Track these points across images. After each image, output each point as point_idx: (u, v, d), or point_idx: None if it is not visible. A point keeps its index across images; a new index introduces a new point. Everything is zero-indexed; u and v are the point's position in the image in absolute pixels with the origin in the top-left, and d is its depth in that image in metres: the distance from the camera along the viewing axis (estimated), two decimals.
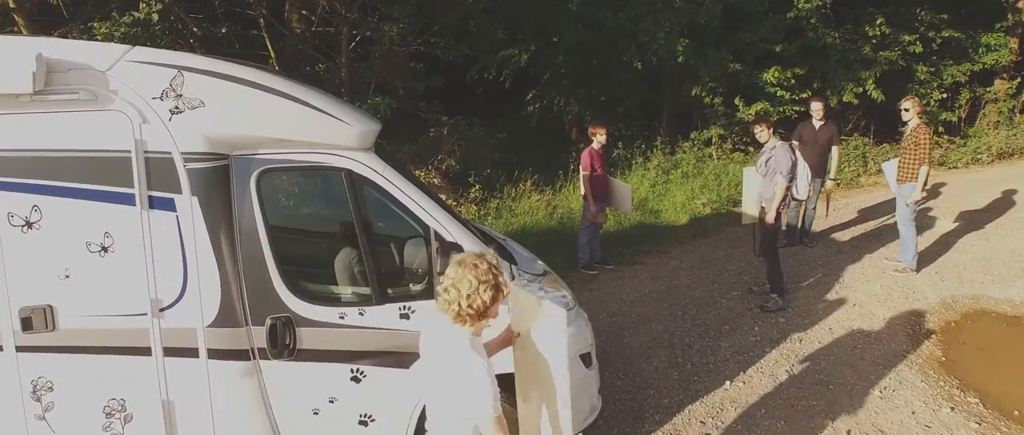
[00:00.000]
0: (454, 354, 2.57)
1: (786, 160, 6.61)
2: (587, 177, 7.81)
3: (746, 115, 12.91)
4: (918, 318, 6.64)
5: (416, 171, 9.90)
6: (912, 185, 7.60)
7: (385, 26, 9.51)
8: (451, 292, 2.53)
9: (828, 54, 13.05)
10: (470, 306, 2.51)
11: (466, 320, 2.56)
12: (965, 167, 13.50)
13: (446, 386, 2.62)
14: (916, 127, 7.60)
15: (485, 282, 2.51)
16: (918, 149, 7.51)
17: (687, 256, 8.52)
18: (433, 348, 2.71)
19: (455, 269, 2.55)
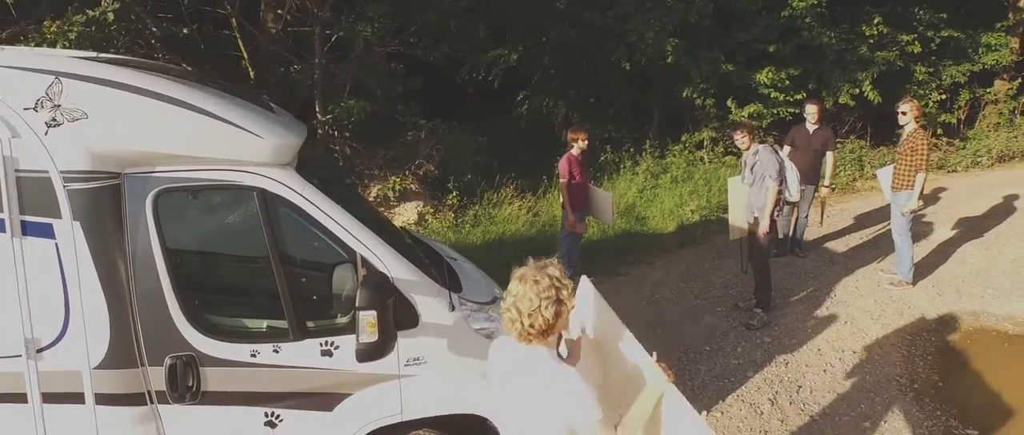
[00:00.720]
0: (536, 371, 2.40)
1: (772, 162, 6.12)
2: (566, 185, 7.30)
3: (739, 117, 12.38)
4: (914, 337, 6.13)
5: (393, 177, 9.42)
6: (908, 193, 7.09)
7: (359, 26, 9.01)
8: (512, 311, 2.39)
9: (824, 54, 12.52)
10: (532, 326, 2.36)
11: (531, 339, 2.40)
12: (964, 171, 12.96)
13: (532, 405, 2.41)
14: (913, 132, 7.10)
15: (547, 298, 2.34)
16: (915, 155, 7.01)
17: (672, 267, 8.01)
18: (508, 370, 2.51)
19: (516, 285, 2.41)
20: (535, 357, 2.41)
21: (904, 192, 7.15)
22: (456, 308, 3.56)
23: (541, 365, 2.40)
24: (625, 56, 11.29)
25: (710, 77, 11.88)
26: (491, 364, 2.63)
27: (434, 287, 3.55)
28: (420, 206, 9.70)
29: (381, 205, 9.60)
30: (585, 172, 7.50)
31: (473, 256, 8.02)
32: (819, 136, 7.94)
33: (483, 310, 3.77)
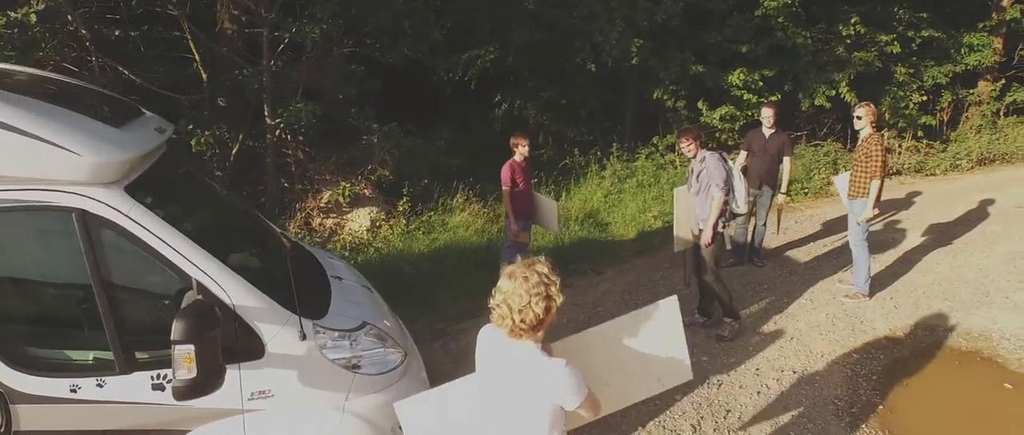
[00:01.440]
0: (524, 365, 2.47)
1: (719, 171, 5.71)
2: (508, 193, 6.94)
3: (710, 119, 12.02)
4: (861, 355, 5.75)
5: (344, 182, 9.06)
6: (864, 201, 6.71)
7: (307, 27, 8.66)
8: (503, 308, 2.44)
9: (798, 55, 12.13)
10: (523, 321, 2.42)
11: (521, 335, 2.47)
12: (943, 174, 12.55)
13: (519, 396, 2.49)
14: (869, 137, 6.71)
15: (537, 294, 2.41)
16: (870, 161, 6.62)
17: (622, 277, 7.64)
18: (496, 363, 2.57)
19: (506, 283, 2.45)
20: (523, 352, 2.47)
21: (860, 200, 6.77)
22: (307, 337, 3.21)
23: (529, 360, 2.46)
24: (590, 57, 10.93)
25: (680, 78, 11.52)
26: (480, 354, 2.68)
27: (283, 314, 3.20)
28: (373, 212, 9.36)
29: (333, 211, 9.27)
30: (529, 179, 7.14)
31: (417, 266, 7.70)
32: (775, 141, 7.57)
33: (345, 338, 3.41)
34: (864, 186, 6.68)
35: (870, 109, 6.74)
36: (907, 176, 12.32)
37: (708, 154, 5.85)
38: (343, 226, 9.39)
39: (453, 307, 6.86)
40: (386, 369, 3.49)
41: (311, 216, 9.25)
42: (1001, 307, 6.67)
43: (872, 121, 6.72)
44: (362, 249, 8.26)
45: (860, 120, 6.78)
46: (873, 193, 6.61)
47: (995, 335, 6.08)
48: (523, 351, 2.48)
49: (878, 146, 6.58)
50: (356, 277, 4.37)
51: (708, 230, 5.76)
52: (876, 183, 6.58)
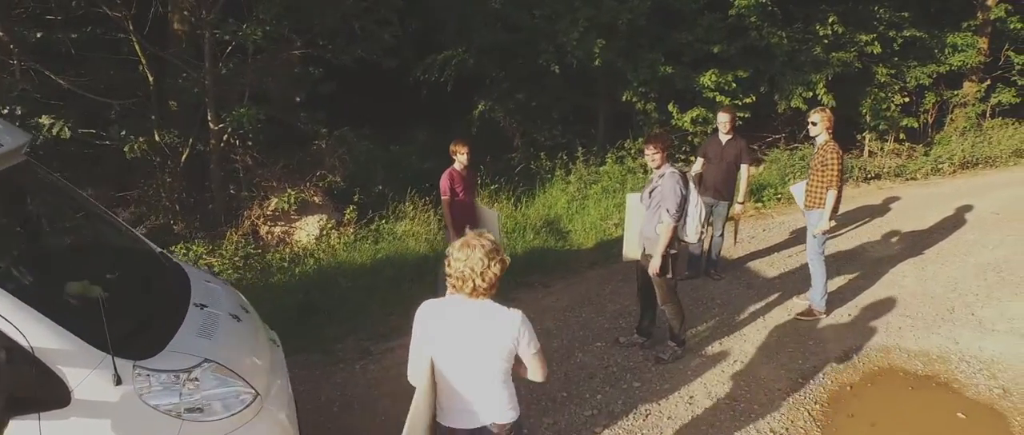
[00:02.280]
0: (490, 317, 2.81)
1: (673, 193, 5.11)
2: (448, 203, 6.51)
3: (681, 122, 11.58)
4: (808, 381, 5.31)
5: (291, 190, 8.64)
6: (820, 212, 6.28)
7: (248, 28, 8.24)
8: (465, 272, 2.73)
9: (773, 55, 11.68)
10: (483, 280, 2.74)
11: (482, 294, 2.79)
12: (924, 178, 12.09)
13: (484, 344, 2.81)
14: (824, 144, 6.29)
15: (493, 259, 2.75)
16: (826, 170, 6.20)
17: (569, 292, 7.21)
18: (457, 322, 2.83)
19: (463, 251, 2.75)
20: (487, 307, 2.82)
21: (816, 211, 6.35)
22: (124, 380, 2.79)
23: (492, 311, 2.82)
24: (554, 58, 10.49)
25: (648, 80, 11.07)
26: (425, 325, 2.89)
27: (95, 355, 2.79)
28: (323, 220, 8.94)
29: (281, 220, 8.86)
30: (470, 188, 6.70)
31: (354, 278, 7.28)
32: (732, 147, 7.13)
33: (176, 379, 2.99)
34: (821, 196, 6.26)
35: (825, 115, 6.32)
36: (886, 180, 11.87)
37: (669, 171, 5.23)
38: (292, 235, 8.98)
39: (384, 323, 6.44)
40: (228, 413, 3.07)
41: (258, 225, 8.84)
42: (965, 324, 6.22)
43: (828, 127, 6.29)
44: (301, 260, 7.84)
45: (815, 126, 6.37)
46: (829, 204, 6.18)
47: (954, 357, 5.63)
48: (484, 306, 2.82)
49: (834, 154, 6.15)
50: (229, 303, 3.94)
51: (656, 258, 5.22)
52: (832, 194, 6.15)
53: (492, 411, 2.92)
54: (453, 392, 2.90)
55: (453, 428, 2.96)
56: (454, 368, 2.87)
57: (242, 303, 4.15)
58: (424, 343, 2.89)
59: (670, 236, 5.17)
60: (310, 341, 6.06)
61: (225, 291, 4.20)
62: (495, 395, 2.91)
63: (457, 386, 2.88)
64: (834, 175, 6.14)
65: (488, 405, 2.91)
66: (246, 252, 7.90)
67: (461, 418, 2.94)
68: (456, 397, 2.90)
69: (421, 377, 2.85)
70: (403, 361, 2.95)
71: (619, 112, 12.52)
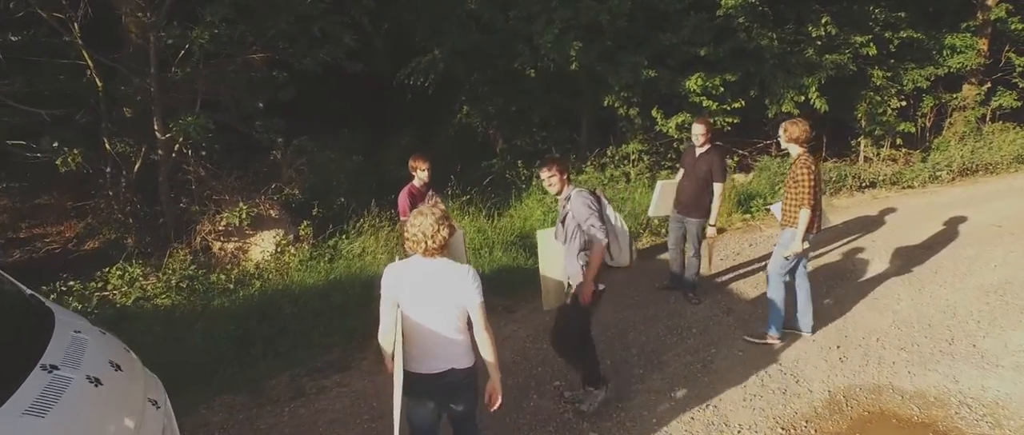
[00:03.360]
0: (444, 272, 3.26)
1: (585, 209, 4.34)
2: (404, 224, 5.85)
3: (666, 128, 10.90)
4: (789, 430, 4.64)
5: (243, 203, 7.98)
6: (792, 232, 5.62)
7: (194, 31, 7.58)
8: (418, 234, 3.22)
9: (763, 58, 11.00)
10: (434, 242, 3.22)
11: (434, 254, 3.25)
12: (921, 187, 11.39)
13: (442, 295, 3.25)
14: (797, 158, 5.64)
15: (442, 222, 3.25)
16: (798, 187, 5.54)
17: (533, 318, 6.54)
18: (417, 278, 3.25)
19: (416, 218, 3.25)
20: (440, 264, 3.27)
21: (789, 230, 5.70)
22: None
23: (444, 267, 3.27)
24: (530, 61, 9.83)
25: (631, 84, 10.40)
26: (392, 285, 3.27)
27: None
28: (279, 236, 8.28)
29: (234, 235, 8.20)
30: None
31: (300, 303, 6.62)
32: (704, 162, 6.45)
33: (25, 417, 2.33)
34: (794, 215, 5.60)
35: (792, 127, 5.65)
36: (882, 189, 11.18)
37: (574, 192, 4.47)
38: (246, 251, 8.33)
39: (324, 357, 5.79)
40: None
41: (209, 241, 8.19)
42: (965, 359, 5.55)
43: (797, 138, 5.62)
44: (248, 282, 7.18)
45: (782, 138, 5.72)
46: (802, 224, 5.52)
47: (954, 400, 4.96)
48: (438, 263, 3.26)
49: (805, 169, 5.51)
50: (96, 360, 3.27)
51: (587, 285, 4.43)
52: (805, 213, 5.49)
53: (454, 356, 3.32)
54: (418, 341, 3.28)
55: (420, 373, 3.30)
56: (418, 319, 3.25)
57: (117, 357, 3.48)
58: (391, 301, 3.28)
59: (599, 260, 4.37)
60: (240, 379, 5.42)
61: (97, 343, 3.52)
62: (455, 342, 3.30)
63: (422, 335, 3.27)
64: (806, 192, 5.48)
65: (450, 351, 3.31)
66: (189, 272, 7.25)
67: (427, 364, 3.31)
68: (421, 345, 3.28)
69: (391, 331, 3.26)
70: (337, 406, 2.39)
71: (603, 117, 11.87)
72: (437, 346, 3.29)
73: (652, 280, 7.27)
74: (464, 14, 10.41)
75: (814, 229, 5.69)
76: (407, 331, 3.26)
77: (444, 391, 3.38)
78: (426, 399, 3.40)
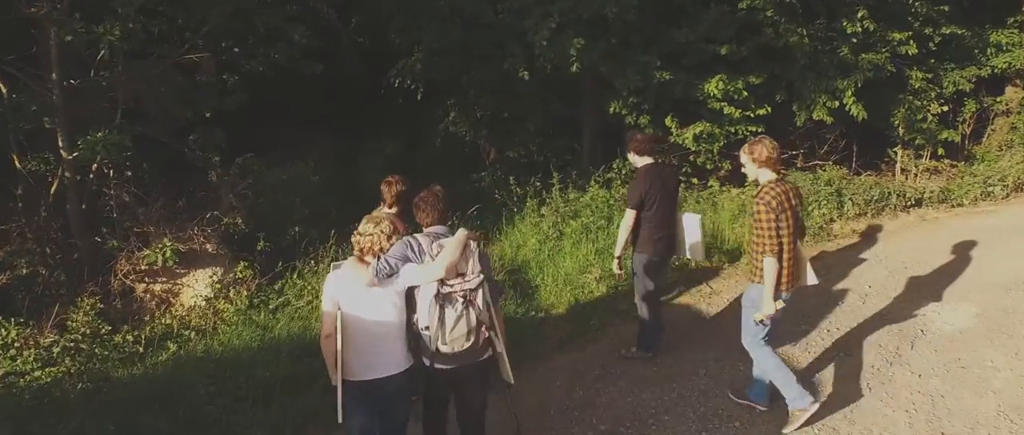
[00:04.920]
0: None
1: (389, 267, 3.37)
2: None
3: (682, 138, 9.25)
4: None
5: (166, 239, 6.34)
6: (759, 288, 4.17)
7: (103, 27, 5.93)
8: (366, 243, 3.38)
9: (793, 58, 9.35)
10: (376, 247, 3.37)
11: (377, 255, 3.35)
12: (972, 204, 9.73)
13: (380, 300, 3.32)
14: (758, 190, 4.20)
15: (383, 235, 3.41)
16: (758, 228, 4.10)
17: (524, 392, 4.89)
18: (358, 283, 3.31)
19: (367, 225, 3.42)
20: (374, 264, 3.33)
21: (755, 285, 4.23)
22: None
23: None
24: (523, 61, 8.18)
25: (641, 88, 8.74)
26: (337, 288, 3.36)
27: None
28: (216, 275, 6.64)
29: (162, 275, 6.57)
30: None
31: (219, 379, 4.96)
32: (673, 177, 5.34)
33: None
34: (759, 266, 4.11)
35: (758, 147, 4.18)
36: (929, 208, 9.52)
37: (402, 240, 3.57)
38: (177, 294, 6.69)
39: None
40: None
41: (132, 283, 6.55)
42: None
43: (769, 161, 4.16)
44: (161, 344, 5.54)
45: (743, 167, 4.33)
46: (768, 278, 4.10)
47: None
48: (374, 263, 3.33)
49: (761, 205, 4.05)
50: None
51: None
52: (769, 263, 4.07)
53: (394, 361, 3.36)
54: (358, 347, 3.29)
55: (360, 381, 3.30)
56: (359, 324, 3.29)
57: None
58: (333, 305, 3.31)
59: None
60: None
61: None
62: (394, 346, 3.35)
63: (362, 340, 3.29)
64: (766, 235, 4.06)
65: (390, 356, 3.35)
66: (90, 329, 5.61)
67: (369, 370, 3.31)
68: (362, 350, 3.30)
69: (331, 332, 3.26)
70: None
71: (608, 125, 10.21)
72: (378, 350, 3.31)
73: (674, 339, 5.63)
74: (446, 7, 8.73)
75: (788, 284, 4.20)
76: (347, 336, 3.25)
77: (385, 397, 3.36)
78: (368, 406, 3.35)
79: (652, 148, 5.33)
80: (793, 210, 4.13)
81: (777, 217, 4.04)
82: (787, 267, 4.14)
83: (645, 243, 5.07)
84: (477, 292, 3.36)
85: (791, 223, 4.11)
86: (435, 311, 3.29)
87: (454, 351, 3.35)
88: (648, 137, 5.46)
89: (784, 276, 4.14)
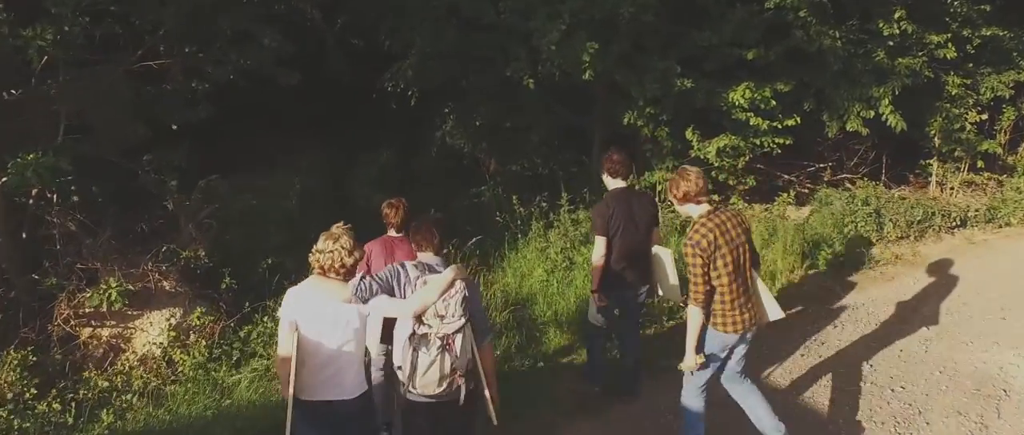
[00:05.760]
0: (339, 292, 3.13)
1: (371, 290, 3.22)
2: None
3: (702, 152, 8.28)
4: None
5: (110, 278, 5.35)
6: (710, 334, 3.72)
7: (32, 29, 4.95)
8: (327, 261, 3.10)
9: (825, 62, 8.38)
10: (339, 265, 3.10)
11: (342, 274, 3.12)
12: (1020, 224, 8.76)
13: (337, 319, 3.12)
14: (691, 225, 3.64)
15: (346, 251, 3.11)
16: (688, 272, 3.58)
17: None
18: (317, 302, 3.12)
19: (326, 242, 3.12)
20: (337, 286, 3.13)
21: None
22: None
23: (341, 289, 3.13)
24: (527, 67, 7.20)
25: (659, 97, 7.77)
26: (297, 306, 3.13)
27: None
28: (174, 317, 5.66)
29: (112, 318, 5.58)
30: None
31: None
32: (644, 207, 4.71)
33: None
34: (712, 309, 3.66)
35: (677, 184, 3.66)
36: (975, 228, 8.55)
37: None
38: (129, 340, 5.71)
39: None
40: None
41: (75, 329, 5.56)
42: None
43: (693, 195, 3.61)
44: (94, 414, 4.55)
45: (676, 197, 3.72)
46: (691, 328, 3.61)
47: None
48: (338, 286, 3.13)
49: (688, 246, 3.53)
50: None
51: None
52: (694, 313, 3.59)
53: (350, 384, 3.16)
54: (313, 367, 3.10)
55: (312, 401, 3.12)
56: (316, 344, 3.10)
57: None
58: (290, 324, 3.10)
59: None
60: None
61: None
62: (349, 370, 3.16)
63: (317, 361, 3.10)
64: (695, 278, 3.53)
65: (345, 378, 3.15)
66: (17, 390, 4.63)
67: (322, 391, 3.12)
68: (315, 372, 3.10)
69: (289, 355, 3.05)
70: None
71: (620, 134, 9.22)
72: (332, 372, 3.14)
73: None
74: (441, 6, 7.74)
75: (744, 325, 3.63)
76: (304, 356, 3.10)
77: (336, 421, 3.17)
78: (317, 429, 3.17)
79: (627, 171, 4.71)
80: (735, 242, 3.55)
81: (709, 258, 3.46)
82: (734, 307, 3.57)
83: (606, 276, 4.53)
84: (457, 336, 3.14)
85: (734, 258, 3.52)
86: (408, 353, 3.16)
87: (426, 395, 3.19)
88: (624, 158, 4.73)
89: (735, 318, 3.59)
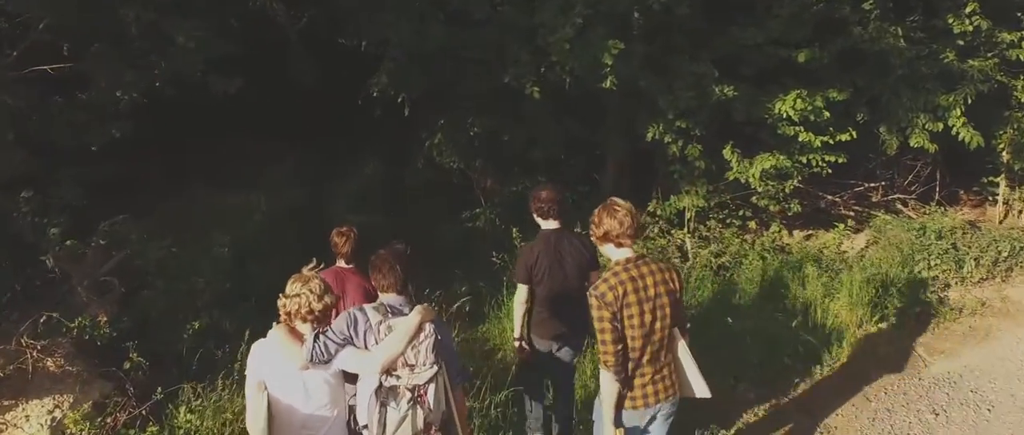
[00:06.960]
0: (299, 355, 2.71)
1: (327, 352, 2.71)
2: None
3: (743, 174, 6.78)
4: None
5: None
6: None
7: None
8: (295, 306, 2.74)
9: (888, 65, 6.91)
10: (313, 311, 2.75)
11: (309, 321, 2.76)
12: None
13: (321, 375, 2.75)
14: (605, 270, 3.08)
15: (326, 291, 2.79)
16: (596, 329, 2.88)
17: None
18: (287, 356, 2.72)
19: (293, 286, 2.76)
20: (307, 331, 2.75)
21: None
22: None
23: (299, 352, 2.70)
24: (532, 74, 5.69)
25: (692, 108, 6.28)
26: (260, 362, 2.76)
27: None
28: (62, 406, 4.16)
29: None
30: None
31: None
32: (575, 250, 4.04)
33: None
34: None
35: (600, 219, 2.94)
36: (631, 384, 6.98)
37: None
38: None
39: None
40: None
41: None
42: None
43: (599, 237, 2.98)
44: None
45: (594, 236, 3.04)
46: (606, 397, 2.90)
47: None
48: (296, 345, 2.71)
49: (593, 298, 2.86)
50: None
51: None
52: (606, 378, 2.88)
53: None
54: (287, 426, 2.78)
55: None
56: (288, 409, 2.76)
57: None
58: (258, 383, 2.77)
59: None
60: None
61: None
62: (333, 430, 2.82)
63: (292, 431, 2.78)
64: (604, 340, 2.84)
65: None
66: None
67: None
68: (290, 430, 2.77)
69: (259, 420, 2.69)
70: None
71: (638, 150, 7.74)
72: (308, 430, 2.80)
73: None
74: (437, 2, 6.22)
75: (659, 396, 2.97)
76: (277, 424, 2.74)
77: None
78: None
79: (559, 210, 4.02)
80: (651, 300, 2.87)
81: (615, 314, 2.81)
82: (639, 376, 2.92)
83: (534, 326, 3.99)
84: (429, 386, 2.67)
85: (644, 319, 2.85)
86: (375, 410, 2.66)
87: None
88: (554, 195, 4.05)
89: (648, 389, 2.95)
